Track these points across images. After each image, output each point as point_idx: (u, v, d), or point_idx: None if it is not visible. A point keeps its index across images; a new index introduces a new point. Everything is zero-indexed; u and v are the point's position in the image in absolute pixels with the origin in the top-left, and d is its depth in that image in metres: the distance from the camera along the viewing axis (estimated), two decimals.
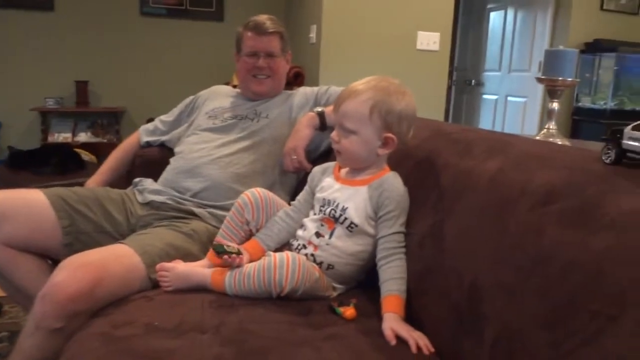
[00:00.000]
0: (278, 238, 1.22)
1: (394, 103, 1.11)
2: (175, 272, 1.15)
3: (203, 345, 0.91)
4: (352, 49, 3.23)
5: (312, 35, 3.38)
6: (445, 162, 1.14)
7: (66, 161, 2.85)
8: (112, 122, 3.99)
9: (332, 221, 1.15)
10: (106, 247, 1.21)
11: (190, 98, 1.87)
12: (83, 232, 1.37)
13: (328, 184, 1.20)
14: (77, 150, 3.19)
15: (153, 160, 1.80)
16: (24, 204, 1.34)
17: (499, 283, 0.85)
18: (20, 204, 1.33)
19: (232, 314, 1.02)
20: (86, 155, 3.30)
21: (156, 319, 0.99)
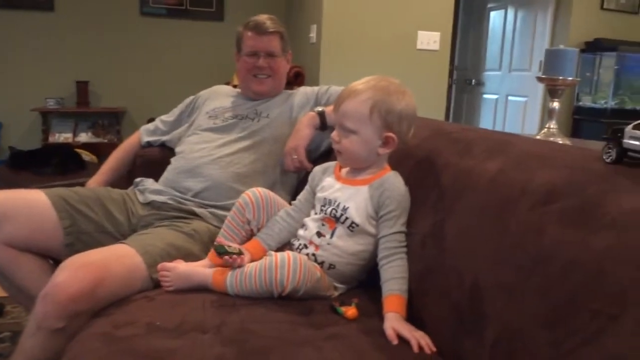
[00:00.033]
0: (279, 238, 1.22)
1: (394, 102, 1.11)
2: (177, 272, 1.15)
3: (204, 345, 0.91)
4: (353, 49, 3.22)
5: (312, 35, 3.37)
6: (445, 161, 1.14)
7: (67, 161, 2.85)
8: (112, 123, 3.99)
9: (333, 221, 1.15)
10: (107, 247, 1.21)
11: (191, 98, 1.87)
12: (84, 232, 1.37)
13: (329, 184, 1.20)
14: (78, 150, 3.18)
15: (154, 160, 1.80)
16: (25, 204, 1.34)
17: (499, 283, 0.85)
18: (22, 204, 1.34)
19: (233, 314, 1.02)
20: (87, 156, 3.30)
21: (157, 319, 0.99)
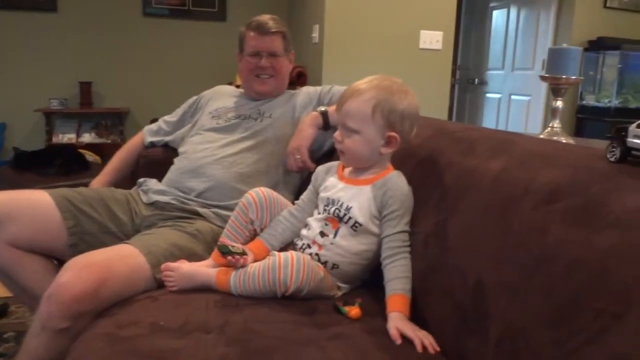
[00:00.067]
0: (282, 237, 1.22)
1: (396, 102, 1.11)
2: (180, 272, 1.15)
3: (208, 345, 0.91)
4: (355, 49, 3.22)
5: (315, 35, 3.37)
6: (448, 160, 1.14)
7: (70, 162, 2.86)
8: (115, 123, 4.00)
9: (336, 220, 1.15)
10: (111, 247, 1.22)
11: (194, 98, 1.87)
12: (88, 233, 1.37)
13: (332, 184, 1.20)
14: (82, 151, 3.19)
15: (157, 160, 1.81)
16: (29, 205, 1.35)
17: (503, 282, 0.85)
18: (25, 205, 1.34)
19: (236, 314, 1.02)
20: (90, 156, 3.30)
21: (161, 319, 0.99)
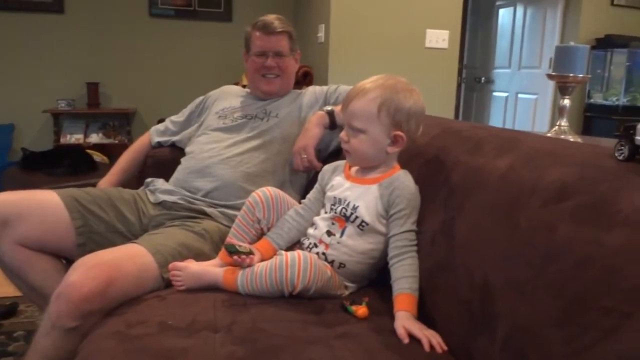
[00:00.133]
0: (289, 237, 1.23)
1: (401, 101, 1.11)
2: (188, 271, 1.16)
3: (215, 344, 0.92)
4: (361, 48, 3.22)
5: (321, 34, 3.37)
6: (455, 159, 1.13)
7: (78, 162, 2.87)
8: (123, 123, 4.02)
9: (343, 220, 1.15)
10: (119, 247, 1.22)
11: (200, 98, 1.88)
12: (96, 232, 1.38)
13: (338, 183, 1.20)
14: (89, 151, 3.20)
15: (164, 160, 1.81)
16: (38, 205, 1.36)
17: (510, 280, 0.84)
18: (34, 205, 1.35)
19: (244, 313, 1.02)
20: (98, 156, 3.32)
21: (169, 318, 1.00)
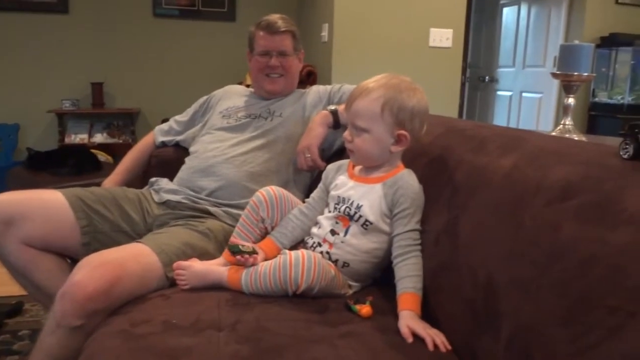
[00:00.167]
0: (292, 236, 1.23)
1: (405, 100, 1.11)
2: (192, 270, 1.16)
3: (220, 342, 0.92)
4: (364, 47, 3.22)
5: (324, 34, 3.37)
6: (459, 158, 1.13)
7: (83, 162, 2.88)
8: (127, 123, 4.03)
9: (346, 219, 1.15)
10: (124, 246, 1.23)
11: (204, 98, 1.88)
12: (101, 232, 1.39)
13: (342, 182, 1.20)
14: (94, 151, 3.22)
15: (168, 160, 1.82)
16: (43, 205, 1.36)
17: (514, 279, 0.84)
18: (39, 205, 1.36)
19: (248, 312, 1.03)
20: (102, 156, 3.33)
21: (173, 317, 1.00)
